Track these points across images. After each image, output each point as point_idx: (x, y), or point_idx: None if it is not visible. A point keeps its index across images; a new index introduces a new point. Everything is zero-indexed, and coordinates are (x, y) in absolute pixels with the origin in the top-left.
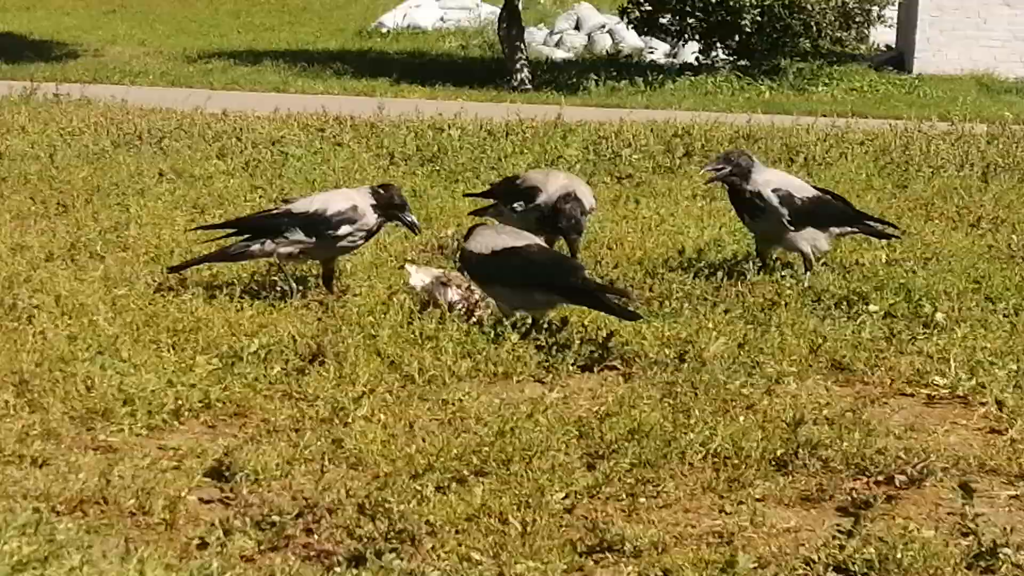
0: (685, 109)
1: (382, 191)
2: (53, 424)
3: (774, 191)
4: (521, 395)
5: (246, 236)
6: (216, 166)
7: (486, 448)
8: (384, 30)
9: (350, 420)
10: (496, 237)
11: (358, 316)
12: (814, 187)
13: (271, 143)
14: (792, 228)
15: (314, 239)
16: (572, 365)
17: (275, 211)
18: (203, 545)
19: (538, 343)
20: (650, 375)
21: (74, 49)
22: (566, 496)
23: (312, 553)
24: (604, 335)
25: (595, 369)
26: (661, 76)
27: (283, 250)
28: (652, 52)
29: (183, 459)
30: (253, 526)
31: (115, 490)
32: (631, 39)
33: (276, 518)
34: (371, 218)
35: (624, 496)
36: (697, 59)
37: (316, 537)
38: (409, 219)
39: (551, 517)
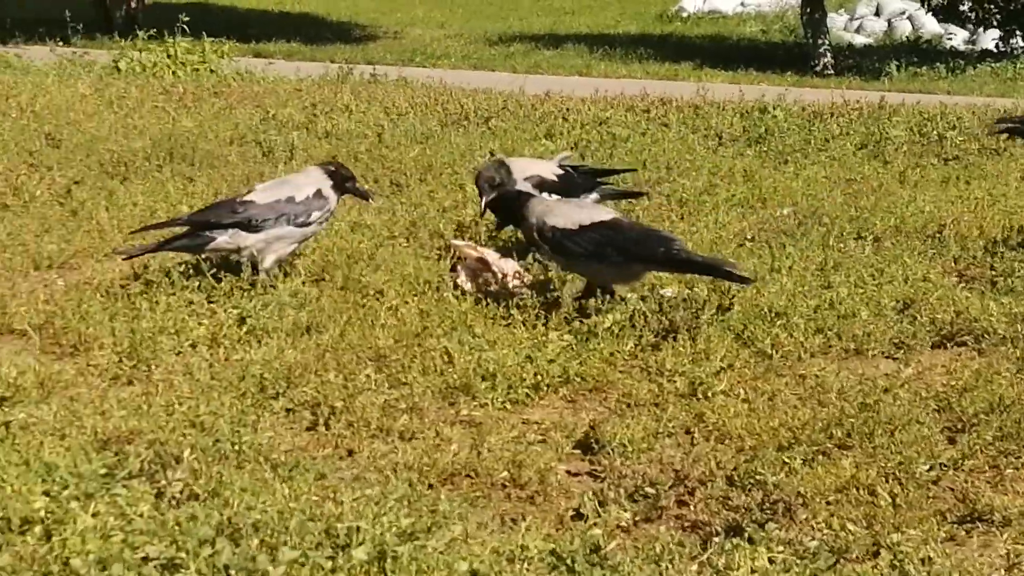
0: (987, 95)
1: (334, 169)
2: (415, 399)
3: None
4: (876, 370)
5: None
6: (545, 146)
7: (849, 422)
8: (684, 14)
9: (710, 395)
10: (579, 211)
11: (708, 293)
12: None
13: (598, 124)
14: None
15: (287, 229)
16: (923, 341)
17: (236, 204)
18: (578, 516)
19: (887, 320)
20: (1004, 350)
21: (373, 31)
22: (931, 468)
23: (687, 524)
24: (953, 312)
25: (947, 345)
26: (963, 62)
27: (248, 243)
28: (951, 38)
29: (548, 432)
30: (627, 497)
31: (486, 462)
32: (930, 25)
33: (649, 489)
34: (333, 200)
35: (988, 468)
36: (997, 46)
37: (690, 508)
38: (362, 189)
39: (919, 488)
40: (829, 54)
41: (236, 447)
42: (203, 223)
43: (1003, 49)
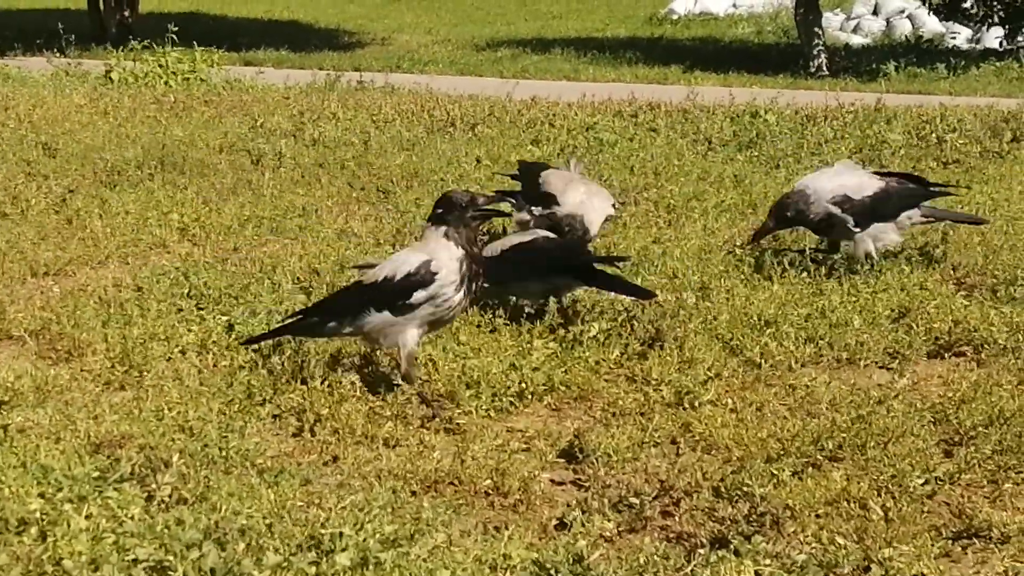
0: (990, 95)
1: (440, 209)
2: (400, 406)
3: (831, 201)
4: (869, 381)
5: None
6: (531, 152)
7: (841, 433)
8: (675, 17)
9: (697, 404)
10: (501, 240)
11: (695, 301)
12: (879, 174)
13: (585, 129)
14: (858, 230)
15: (389, 314)
16: (919, 351)
17: (351, 287)
18: (561, 525)
19: (882, 329)
20: (1004, 361)
21: (361, 38)
22: (925, 482)
23: (672, 535)
24: (951, 322)
25: (944, 355)
26: (964, 62)
27: (349, 331)
28: (954, 37)
29: (532, 440)
30: (611, 507)
31: (469, 470)
32: (931, 24)
33: (633, 500)
34: (448, 267)
35: (986, 482)
36: (1001, 43)
37: (675, 519)
38: (487, 210)
39: (913, 502)
40: (824, 55)
41: (224, 452)
42: (318, 308)
43: (1007, 47)
